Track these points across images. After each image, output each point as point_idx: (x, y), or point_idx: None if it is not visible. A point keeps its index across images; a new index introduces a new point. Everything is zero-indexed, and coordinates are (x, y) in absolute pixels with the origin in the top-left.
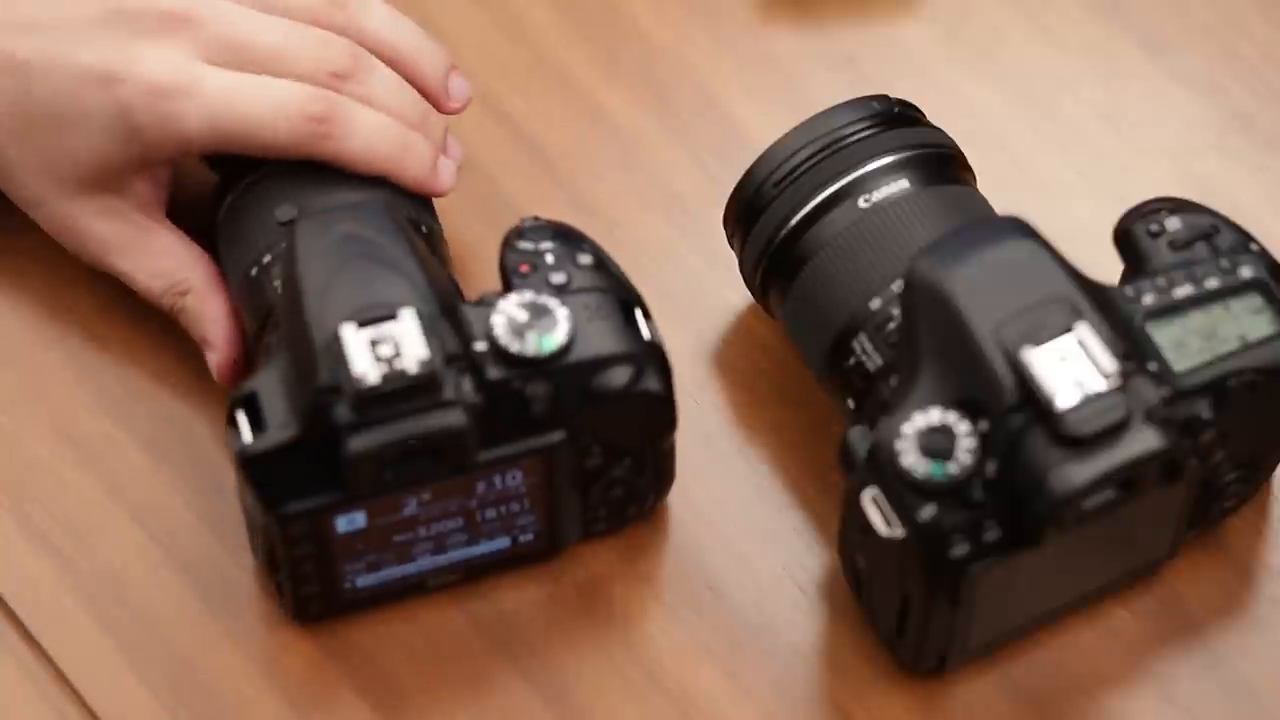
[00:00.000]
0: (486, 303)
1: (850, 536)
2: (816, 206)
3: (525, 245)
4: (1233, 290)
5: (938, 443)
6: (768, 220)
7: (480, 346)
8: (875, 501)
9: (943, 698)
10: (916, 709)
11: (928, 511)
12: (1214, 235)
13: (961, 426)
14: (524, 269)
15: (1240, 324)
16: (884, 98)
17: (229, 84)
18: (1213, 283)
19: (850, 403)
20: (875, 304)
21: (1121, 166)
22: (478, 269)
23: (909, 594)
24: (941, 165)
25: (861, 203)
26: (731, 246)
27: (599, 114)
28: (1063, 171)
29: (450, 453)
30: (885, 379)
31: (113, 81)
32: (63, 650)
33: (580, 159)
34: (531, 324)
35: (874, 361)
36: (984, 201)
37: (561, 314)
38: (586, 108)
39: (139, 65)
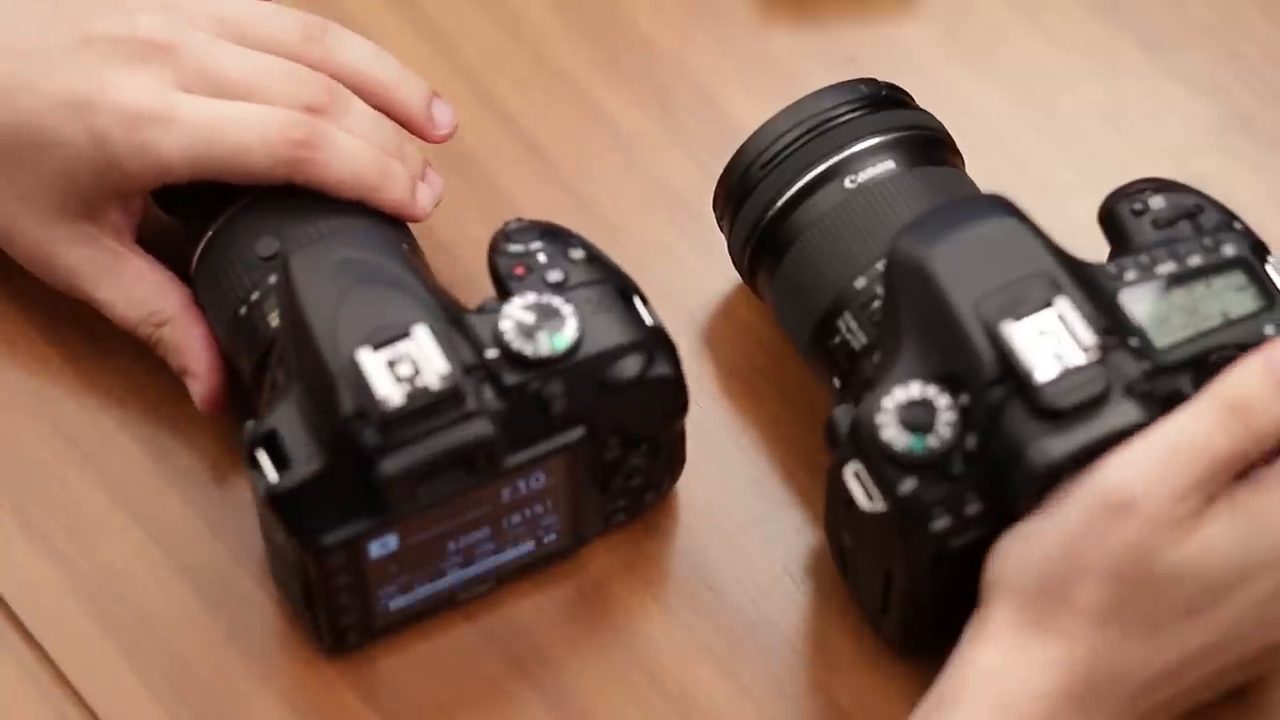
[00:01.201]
0: (489, 310)
1: (834, 513)
2: (803, 187)
3: (515, 248)
4: (1215, 268)
5: (918, 416)
6: (755, 201)
7: (492, 354)
8: (857, 476)
9: None
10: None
11: (908, 485)
12: (1197, 214)
13: (941, 400)
14: (519, 271)
15: (1222, 301)
16: (872, 81)
17: (208, 110)
18: (1195, 260)
19: (836, 381)
20: (860, 283)
21: (1121, 166)
22: (478, 268)
23: (891, 568)
24: (928, 147)
25: (847, 183)
26: (720, 228)
27: (599, 114)
28: (1062, 171)
29: (480, 463)
30: (869, 357)
31: (88, 109)
32: (63, 651)
33: (580, 159)
34: (540, 325)
35: (859, 340)
36: (970, 182)
37: (567, 311)
38: (587, 108)
39: (115, 93)
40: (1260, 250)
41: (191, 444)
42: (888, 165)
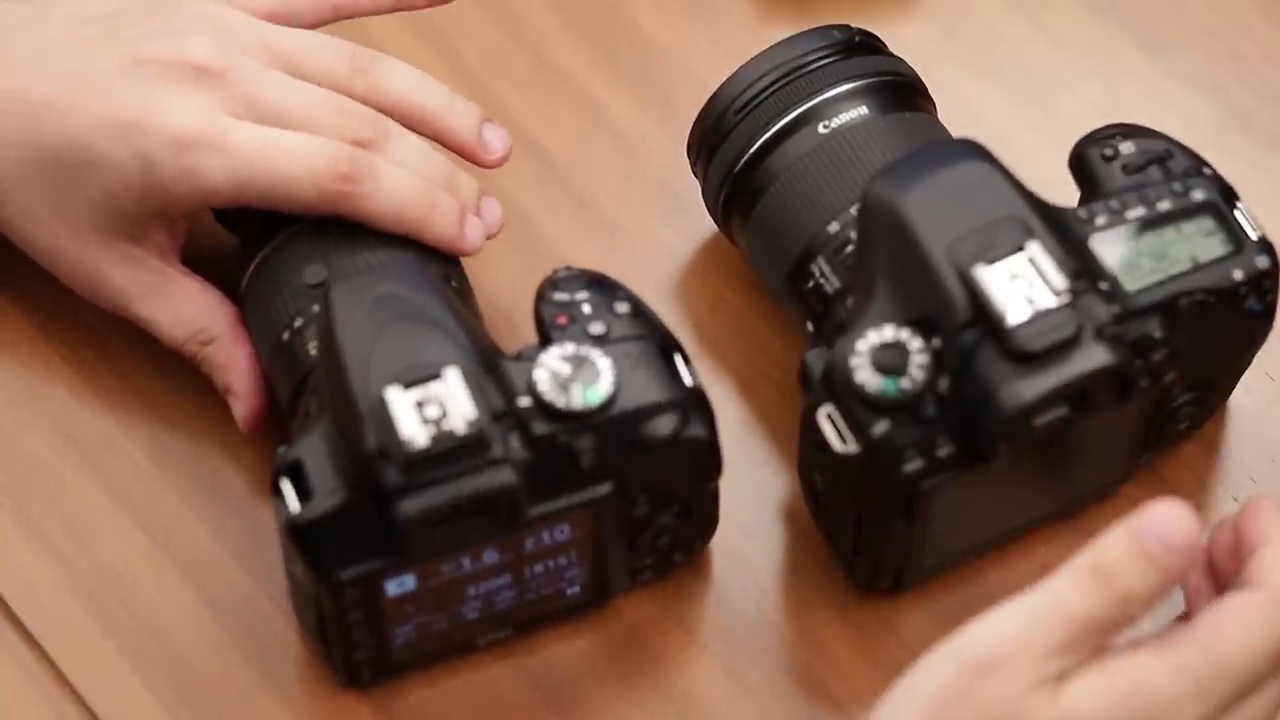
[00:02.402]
0: (527, 357)
1: (807, 456)
2: (777, 132)
3: (561, 296)
4: (1185, 212)
5: (891, 359)
6: (729, 147)
7: (524, 402)
8: (830, 418)
9: None
10: None
11: (881, 427)
12: (1167, 159)
13: (914, 343)
14: (561, 321)
15: (1192, 245)
16: (845, 27)
17: (256, 138)
18: (1165, 205)
19: (809, 325)
20: (833, 228)
21: None
22: (479, 269)
23: (864, 510)
24: (900, 93)
25: (821, 129)
26: (695, 174)
27: (599, 115)
28: (1062, 170)
29: (501, 511)
30: (842, 301)
31: (135, 130)
32: (63, 651)
33: (581, 160)
34: (575, 377)
35: (832, 284)
36: (942, 128)
37: (604, 365)
38: (587, 108)
39: (164, 115)
40: (1229, 195)
41: (192, 444)
42: (861, 111)
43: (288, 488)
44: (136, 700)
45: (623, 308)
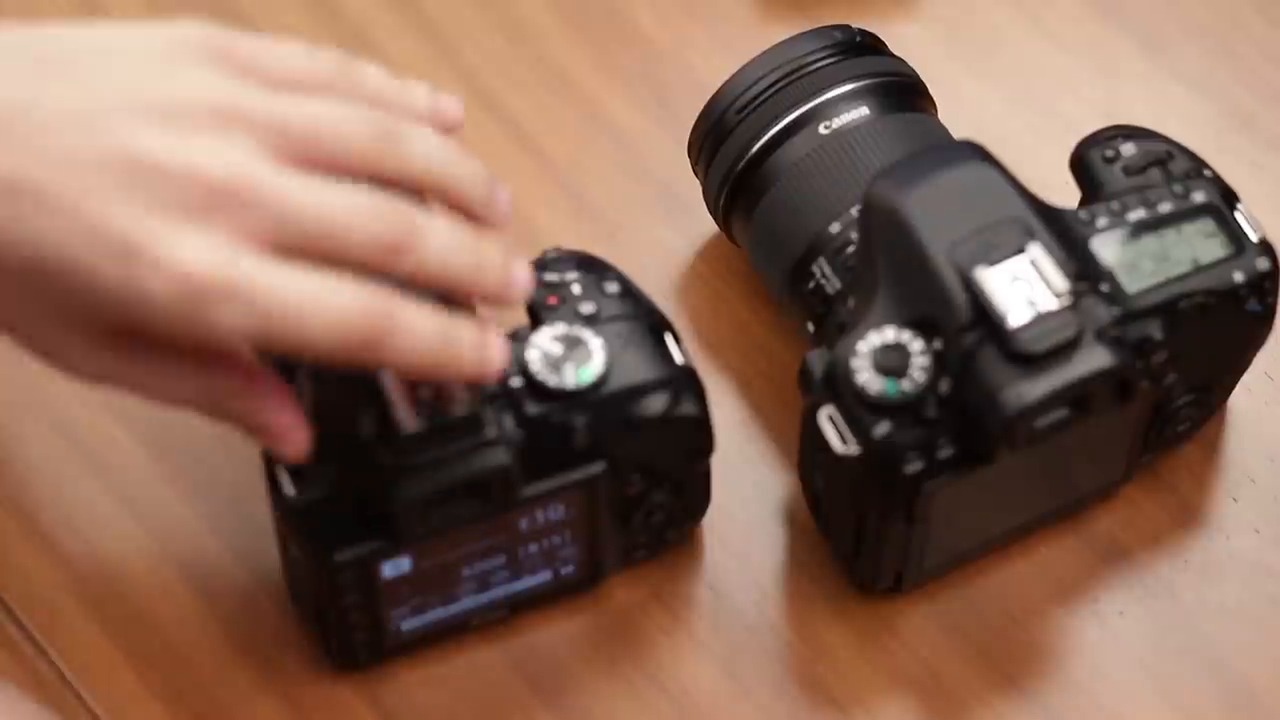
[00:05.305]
0: (518, 338)
1: (808, 457)
2: (778, 133)
3: (550, 277)
4: (1185, 214)
5: (892, 360)
6: (730, 147)
7: (516, 382)
8: (831, 419)
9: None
10: (918, 712)
11: (882, 428)
12: (1168, 161)
13: (915, 345)
14: (552, 301)
15: (1192, 247)
16: (845, 27)
17: (277, 287)
18: (1166, 207)
19: (810, 326)
20: (834, 228)
21: None
22: None
23: (864, 511)
24: (901, 93)
25: (822, 129)
26: (695, 175)
27: (599, 115)
28: (1063, 171)
29: (495, 491)
30: (843, 301)
31: (136, 261)
32: (63, 650)
33: (580, 160)
34: (567, 357)
35: (833, 285)
36: (943, 129)
37: (595, 345)
38: (586, 108)
39: (171, 250)
40: (1229, 197)
41: (192, 443)
42: (862, 111)
43: (282, 471)
44: (136, 698)
45: (613, 287)
